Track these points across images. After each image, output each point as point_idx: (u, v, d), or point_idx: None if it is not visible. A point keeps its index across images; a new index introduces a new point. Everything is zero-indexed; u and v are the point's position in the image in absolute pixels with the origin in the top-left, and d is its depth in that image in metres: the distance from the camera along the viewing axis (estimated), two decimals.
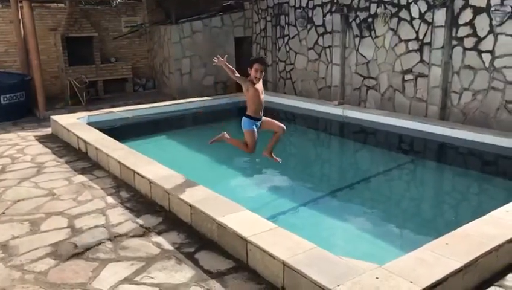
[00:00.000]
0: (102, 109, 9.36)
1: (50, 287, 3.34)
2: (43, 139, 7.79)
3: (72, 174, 5.87)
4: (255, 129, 5.01)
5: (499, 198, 5.10)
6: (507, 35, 6.71)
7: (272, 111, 10.15)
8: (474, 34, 7.13)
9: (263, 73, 4.94)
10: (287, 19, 10.96)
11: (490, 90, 7.05)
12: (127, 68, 12.09)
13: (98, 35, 11.53)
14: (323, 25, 9.88)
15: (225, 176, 6.14)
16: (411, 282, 2.84)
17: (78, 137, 6.94)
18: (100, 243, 3.98)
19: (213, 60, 5.00)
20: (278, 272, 3.21)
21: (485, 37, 6.99)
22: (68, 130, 7.36)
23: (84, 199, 5.01)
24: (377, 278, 2.90)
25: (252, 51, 12.33)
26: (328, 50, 9.86)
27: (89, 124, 7.95)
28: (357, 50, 9.20)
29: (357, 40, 9.17)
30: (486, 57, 7.02)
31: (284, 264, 3.15)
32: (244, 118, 5.06)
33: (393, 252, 3.72)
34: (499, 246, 3.28)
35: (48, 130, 8.39)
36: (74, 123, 7.74)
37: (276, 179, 5.82)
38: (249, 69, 5.00)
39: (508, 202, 4.06)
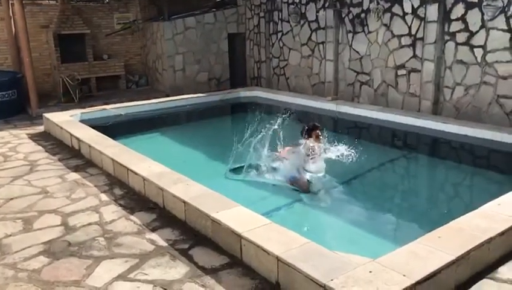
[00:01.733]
0: (95, 106, 9.31)
1: (43, 285, 3.33)
2: (35, 137, 7.75)
3: (65, 172, 5.84)
4: (297, 176, 5.48)
5: (491, 191, 5.14)
6: (498, 29, 6.74)
7: (266, 107, 10.22)
8: (466, 29, 7.16)
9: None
10: (280, 15, 10.94)
11: (482, 85, 7.09)
12: (119, 65, 12.03)
13: (90, 32, 11.45)
14: (317, 20, 9.88)
15: (219, 173, 6.14)
16: (404, 275, 2.85)
17: (71, 135, 6.91)
18: (94, 240, 3.97)
19: (276, 154, 5.68)
20: (272, 267, 3.22)
21: (477, 32, 7.02)
22: (61, 127, 7.32)
23: (77, 197, 4.99)
24: (370, 272, 2.92)
25: (246, 47, 12.32)
26: (321, 46, 9.86)
27: (82, 121, 7.91)
28: (351, 46, 9.21)
29: (350, 35, 9.18)
30: (478, 52, 7.05)
31: (278, 259, 3.16)
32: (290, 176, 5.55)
33: (387, 246, 3.74)
34: (491, 239, 3.31)
35: (41, 128, 8.34)
36: (67, 121, 7.69)
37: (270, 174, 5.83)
38: (307, 138, 5.62)
39: (499, 195, 4.09)
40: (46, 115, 8.19)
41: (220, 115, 10.12)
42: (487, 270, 3.26)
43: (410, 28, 7.99)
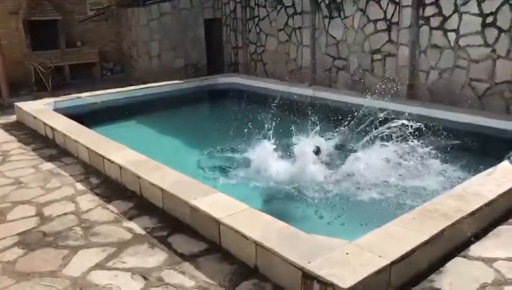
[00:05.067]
0: (69, 94, 9.11)
1: (19, 276, 3.28)
2: (7, 127, 7.54)
3: (39, 162, 5.73)
4: None
5: (463, 172, 5.27)
6: (471, 14, 6.85)
7: (243, 94, 10.19)
8: (440, 13, 7.25)
9: None
10: (256, 0, 10.85)
11: (455, 69, 7.22)
12: (93, 52, 11.78)
13: (62, 19, 11.15)
14: (293, 5, 9.84)
15: (196, 159, 6.12)
16: (380, 256, 2.91)
17: (44, 124, 6.76)
18: (70, 230, 3.92)
19: None
20: (251, 251, 3.24)
21: (450, 16, 7.12)
22: (34, 116, 7.16)
23: (52, 187, 4.90)
24: (347, 253, 2.97)
25: (222, 33, 12.20)
26: (298, 31, 9.85)
27: (56, 110, 7.75)
28: (327, 31, 9.23)
29: (326, 20, 9.19)
30: (452, 36, 7.16)
31: (257, 243, 3.18)
32: None
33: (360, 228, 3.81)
34: (462, 218, 3.41)
35: (13, 118, 8.13)
36: (40, 109, 7.52)
37: (247, 161, 5.84)
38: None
39: (471, 176, 4.20)
40: (18, 104, 7.99)
41: (197, 102, 10.04)
42: (459, 248, 3.35)
43: (385, 12, 8.05)
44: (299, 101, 9.10)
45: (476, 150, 5.91)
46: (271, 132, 6.02)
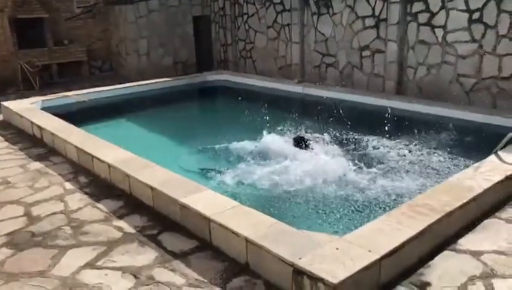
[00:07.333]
0: (57, 93, 9.02)
1: (7, 277, 3.24)
2: None
3: (27, 161, 5.67)
4: None
5: (451, 167, 5.32)
6: (458, 10, 6.90)
7: (233, 91, 10.17)
8: (428, 9, 7.30)
9: None
10: None
11: (443, 65, 7.28)
12: (81, 50, 11.66)
13: (49, 17, 11.02)
14: (282, 2, 9.84)
15: (186, 156, 6.10)
16: (369, 251, 2.93)
17: (32, 123, 6.69)
18: (59, 229, 3.88)
19: None
20: (241, 248, 3.25)
21: (438, 12, 7.17)
22: (21, 115, 7.08)
23: (41, 186, 4.86)
24: (337, 249, 2.98)
25: (211, 31, 12.16)
26: (287, 28, 9.84)
27: (44, 109, 7.68)
28: (316, 28, 9.24)
29: (315, 17, 9.20)
30: (439, 32, 7.21)
31: (247, 240, 3.19)
32: None
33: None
34: (451, 212, 3.44)
35: None
36: (27, 108, 7.44)
37: (237, 157, 5.84)
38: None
39: (459, 171, 4.23)
40: (5, 103, 7.90)
41: (187, 99, 10.00)
42: (448, 242, 3.39)
43: (373, 9, 8.08)
44: (288, 98, 9.14)
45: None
46: (260, 128, 6.03)
